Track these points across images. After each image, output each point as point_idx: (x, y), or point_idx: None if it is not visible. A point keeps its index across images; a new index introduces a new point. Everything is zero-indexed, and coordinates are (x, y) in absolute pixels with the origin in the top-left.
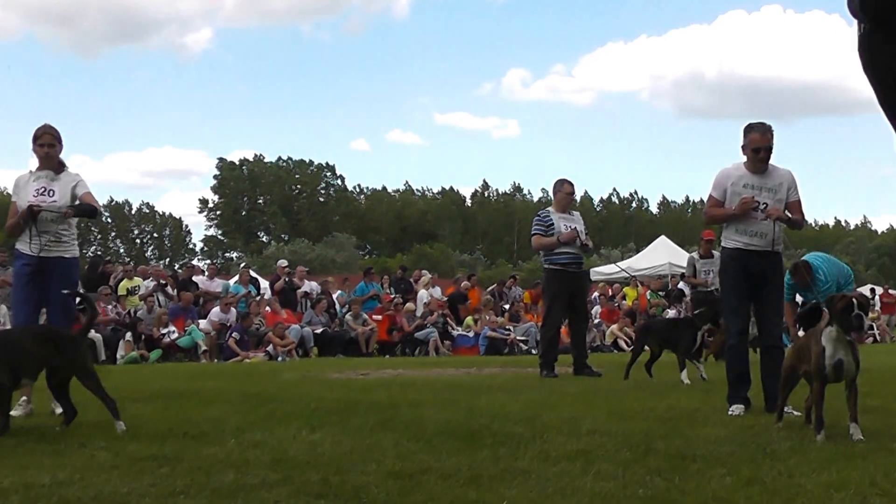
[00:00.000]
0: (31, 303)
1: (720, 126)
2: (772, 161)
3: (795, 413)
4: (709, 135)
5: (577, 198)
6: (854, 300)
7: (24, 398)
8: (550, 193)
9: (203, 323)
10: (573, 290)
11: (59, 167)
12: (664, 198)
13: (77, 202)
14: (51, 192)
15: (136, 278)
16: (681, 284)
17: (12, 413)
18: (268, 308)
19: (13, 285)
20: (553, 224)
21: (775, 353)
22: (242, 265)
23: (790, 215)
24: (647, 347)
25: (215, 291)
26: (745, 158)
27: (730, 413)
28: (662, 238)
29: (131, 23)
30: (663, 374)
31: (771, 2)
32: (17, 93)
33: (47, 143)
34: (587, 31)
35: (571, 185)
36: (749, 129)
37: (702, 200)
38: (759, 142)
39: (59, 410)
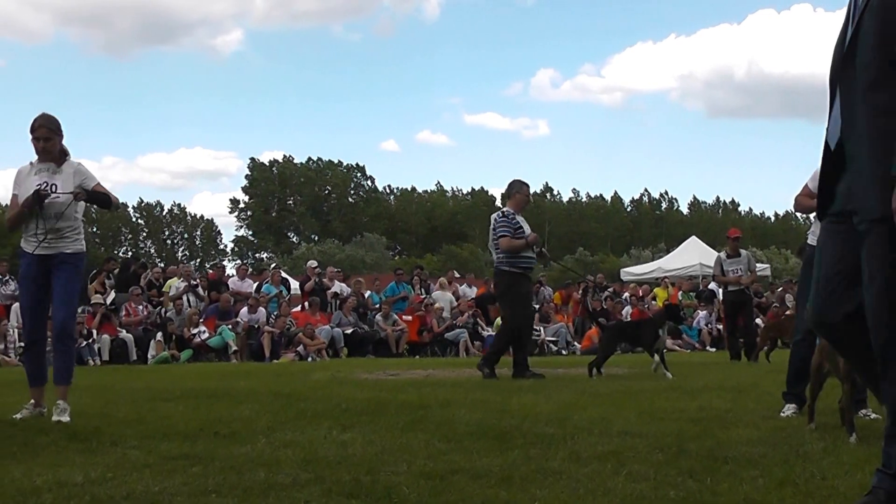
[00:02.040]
0: (39, 307)
1: (751, 125)
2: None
3: (872, 416)
4: (740, 134)
5: (608, 198)
6: None
7: (32, 401)
8: (567, 194)
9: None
10: (528, 293)
11: (61, 158)
12: (695, 198)
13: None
14: (53, 187)
15: (172, 278)
16: (711, 285)
17: (17, 415)
18: (304, 307)
19: (21, 288)
20: (521, 226)
21: None
22: (273, 265)
23: None
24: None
25: (246, 292)
26: None
27: (783, 414)
28: (693, 239)
29: (162, 25)
30: (693, 376)
31: (800, 0)
32: (50, 94)
33: (43, 137)
34: (616, 31)
35: (529, 186)
36: None
37: (733, 200)
38: None
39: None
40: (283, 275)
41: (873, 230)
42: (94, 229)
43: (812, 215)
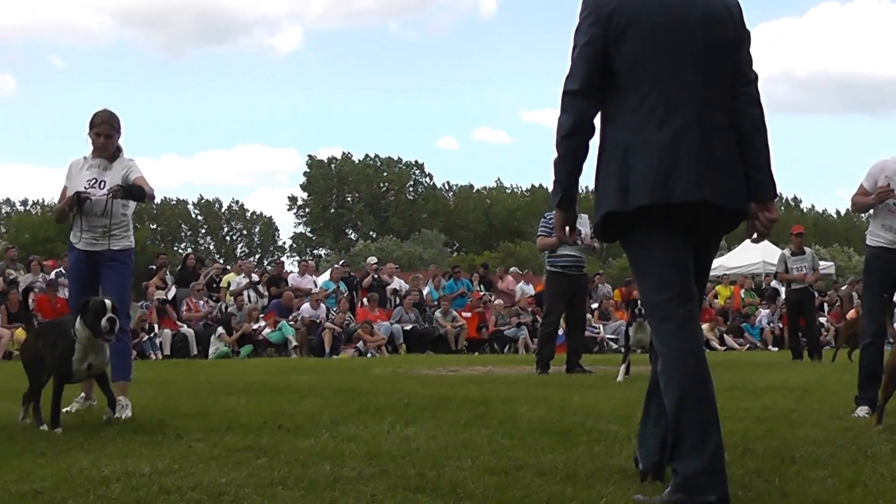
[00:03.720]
0: (87, 297)
1: (813, 121)
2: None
3: None
4: (801, 130)
5: None
6: None
7: (83, 394)
8: None
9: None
10: (572, 292)
11: (115, 155)
12: None
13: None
14: (101, 184)
15: (230, 274)
16: (774, 283)
17: (68, 408)
18: (363, 303)
19: (70, 280)
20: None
21: None
22: (342, 262)
23: None
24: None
25: (306, 288)
26: None
27: (855, 416)
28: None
29: (220, 25)
30: (756, 376)
31: None
32: (110, 93)
33: (104, 133)
34: None
35: None
36: None
37: (795, 197)
38: None
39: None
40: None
41: None
42: (154, 226)
43: (870, 213)
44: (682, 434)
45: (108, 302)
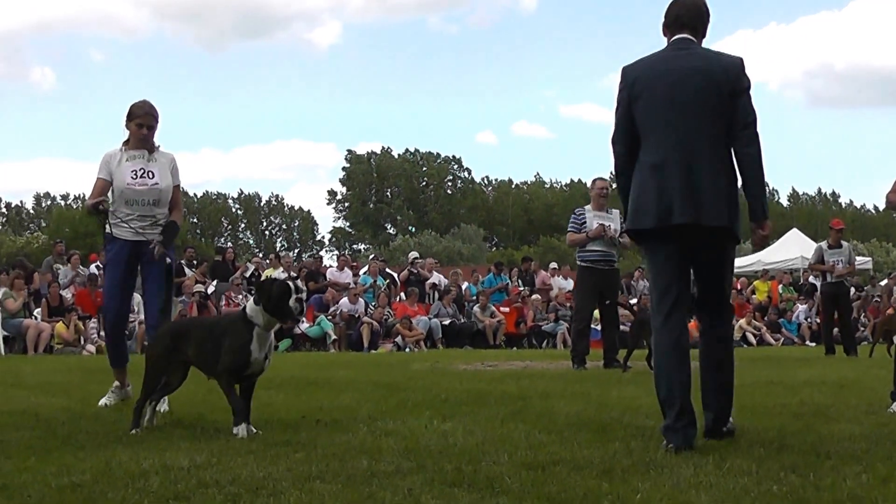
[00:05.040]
0: (124, 289)
1: (852, 115)
2: None
3: None
4: (841, 125)
5: None
6: None
7: (117, 383)
8: None
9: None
10: (603, 287)
11: (153, 146)
12: (794, 190)
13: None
14: (150, 174)
15: (269, 269)
16: (811, 278)
17: (103, 401)
18: (401, 298)
19: (107, 270)
20: (586, 222)
21: None
22: (372, 256)
23: None
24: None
25: (344, 282)
26: None
27: (890, 411)
28: (794, 231)
29: (258, 19)
30: (793, 371)
31: None
32: (148, 87)
33: (147, 125)
34: (716, 20)
35: (604, 181)
36: None
37: (833, 192)
38: None
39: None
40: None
41: None
42: (195, 220)
43: None
44: (660, 399)
45: (291, 284)
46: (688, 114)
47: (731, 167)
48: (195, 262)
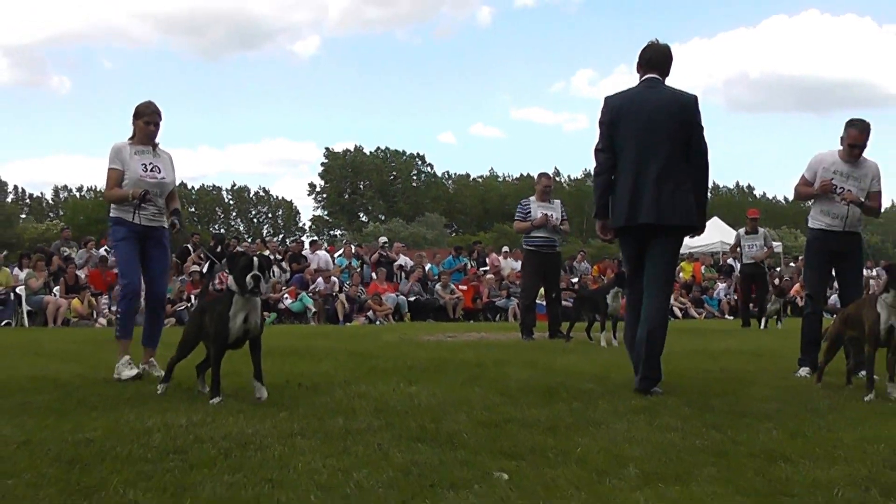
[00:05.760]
0: (137, 261)
1: (766, 118)
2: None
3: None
4: (755, 127)
5: None
6: None
7: (126, 356)
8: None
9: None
10: (547, 268)
11: (156, 142)
12: (715, 183)
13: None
14: (157, 169)
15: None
16: (730, 260)
17: (124, 376)
18: (373, 277)
19: (120, 249)
20: (531, 212)
21: None
22: (345, 241)
23: (864, 201)
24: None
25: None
26: (839, 148)
27: (797, 375)
28: (715, 219)
29: (249, 33)
30: (715, 341)
31: (809, 6)
32: (153, 92)
33: (154, 122)
34: (647, 35)
35: (548, 177)
36: (850, 124)
37: (749, 185)
38: (856, 139)
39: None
40: (354, 249)
41: None
42: (193, 209)
43: (810, 202)
44: (632, 357)
45: (255, 259)
46: (655, 139)
47: (687, 180)
48: (200, 248)
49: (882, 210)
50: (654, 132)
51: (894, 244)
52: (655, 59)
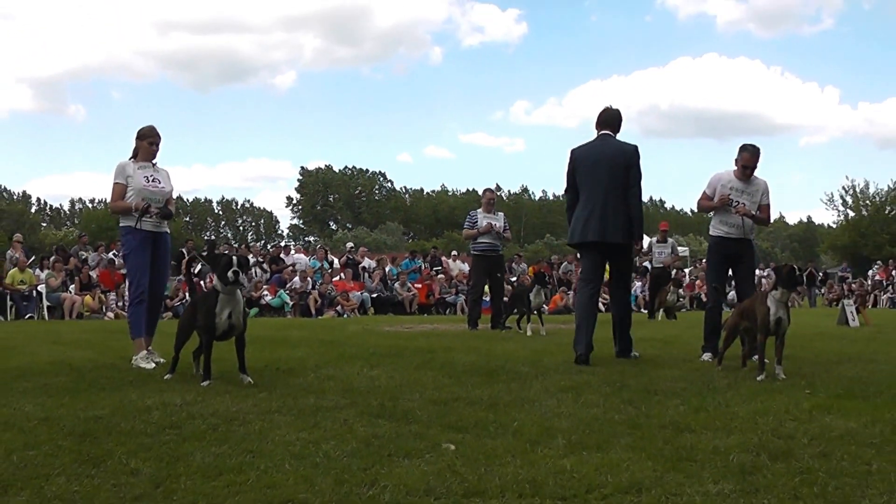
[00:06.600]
0: (149, 268)
1: (675, 144)
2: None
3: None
4: (665, 150)
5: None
6: (795, 267)
7: (144, 352)
8: (539, 194)
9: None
10: (491, 269)
11: (154, 161)
12: None
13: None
14: (157, 181)
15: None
16: (645, 262)
17: (145, 365)
18: (341, 277)
19: (133, 255)
20: (477, 221)
21: None
22: (319, 246)
23: (755, 213)
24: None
25: (290, 263)
26: (734, 168)
27: (701, 359)
28: None
29: (235, 68)
30: (632, 330)
31: (710, 50)
32: (154, 118)
33: (156, 143)
34: (573, 73)
35: (492, 191)
36: (743, 148)
37: (660, 199)
38: (748, 161)
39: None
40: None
41: None
42: (188, 218)
43: (711, 213)
44: (576, 338)
45: (234, 258)
46: (605, 179)
47: (626, 208)
48: (193, 251)
49: (771, 220)
50: (604, 175)
51: (782, 249)
52: (608, 119)
